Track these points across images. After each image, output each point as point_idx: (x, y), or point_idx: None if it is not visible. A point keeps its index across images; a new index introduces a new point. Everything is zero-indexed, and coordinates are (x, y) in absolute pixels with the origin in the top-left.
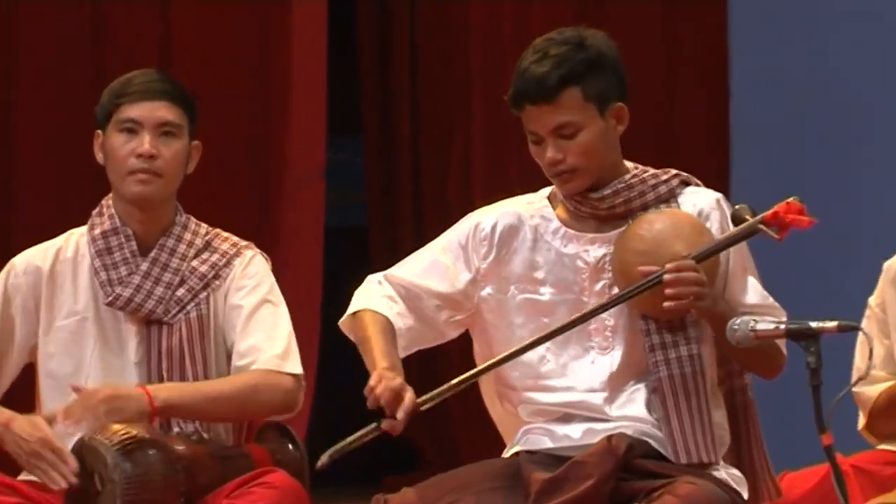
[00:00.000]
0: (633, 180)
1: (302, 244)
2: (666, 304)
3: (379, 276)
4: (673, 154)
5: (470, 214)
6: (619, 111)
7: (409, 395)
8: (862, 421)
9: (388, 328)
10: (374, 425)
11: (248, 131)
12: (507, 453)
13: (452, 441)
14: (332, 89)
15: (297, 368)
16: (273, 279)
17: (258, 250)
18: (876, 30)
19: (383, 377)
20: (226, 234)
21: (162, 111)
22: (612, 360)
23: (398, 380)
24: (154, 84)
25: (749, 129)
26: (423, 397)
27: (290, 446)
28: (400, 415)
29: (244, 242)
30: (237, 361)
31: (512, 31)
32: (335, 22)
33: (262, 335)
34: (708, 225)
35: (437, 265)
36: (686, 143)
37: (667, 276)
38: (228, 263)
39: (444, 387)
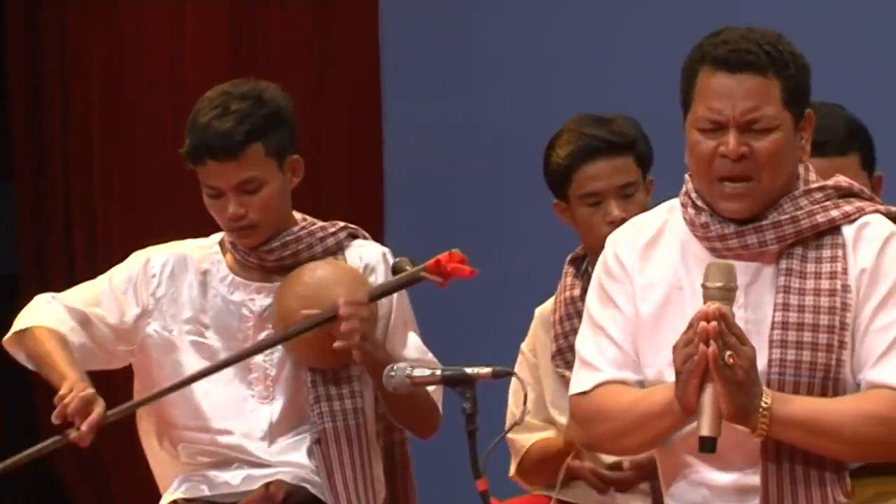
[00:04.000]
0: (301, 233)
1: None
2: (336, 344)
3: (48, 296)
4: (324, 202)
5: (141, 251)
6: (296, 163)
7: (98, 407)
8: (513, 468)
9: (66, 343)
10: (58, 437)
11: None
12: (164, 501)
13: (107, 488)
14: None
15: None
16: None
17: None
18: (525, 79)
19: (75, 387)
20: None
21: None
22: (273, 409)
23: (90, 390)
24: None
25: (402, 178)
26: (112, 411)
27: None
28: (85, 427)
29: None
30: None
31: (167, 66)
32: None
33: None
34: (373, 278)
35: (107, 296)
36: (337, 191)
37: (343, 310)
38: None
39: (131, 402)
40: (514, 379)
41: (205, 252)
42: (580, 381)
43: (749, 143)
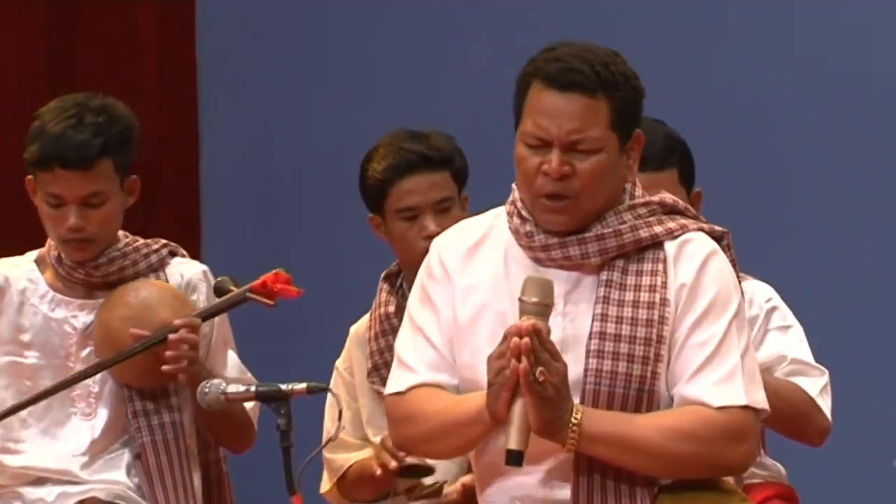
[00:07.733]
0: (126, 249)
1: None
2: (165, 367)
3: None
4: (140, 219)
5: None
6: (134, 183)
7: None
8: (326, 485)
9: None
10: None
11: None
12: None
13: None
14: None
15: None
16: None
17: None
18: (342, 94)
19: None
20: None
21: None
22: (95, 425)
23: None
24: None
25: (219, 195)
26: None
27: None
28: None
29: None
30: None
31: None
32: None
33: None
34: (195, 296)
35: None
36: (154, 208)
37: (173, 336)
38: None
39: None
40: (329, 395)
41: (21, 270)
42: (395, 381)
43: (572, 163)
